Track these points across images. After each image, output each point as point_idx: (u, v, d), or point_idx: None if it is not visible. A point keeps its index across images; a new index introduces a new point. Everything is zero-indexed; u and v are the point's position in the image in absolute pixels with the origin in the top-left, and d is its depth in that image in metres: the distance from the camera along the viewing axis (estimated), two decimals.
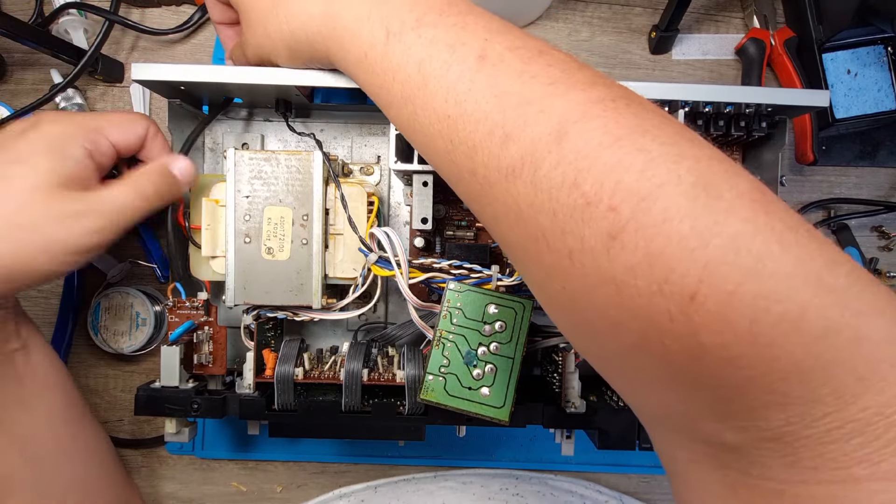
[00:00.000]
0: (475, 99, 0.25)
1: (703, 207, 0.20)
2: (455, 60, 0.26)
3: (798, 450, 0.20)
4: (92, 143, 0.36)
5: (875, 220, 0.53)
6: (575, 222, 0.21)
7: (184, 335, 0.40)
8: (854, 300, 0.19)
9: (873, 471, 0.18)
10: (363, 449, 0.52)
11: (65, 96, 0.49)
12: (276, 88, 0.39)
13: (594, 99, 0.23)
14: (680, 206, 0.20)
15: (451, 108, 0.25)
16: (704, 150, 0.22)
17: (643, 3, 0.53)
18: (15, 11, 0.51)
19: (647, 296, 0.20)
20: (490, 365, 0.35)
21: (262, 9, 0.34)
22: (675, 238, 0.19)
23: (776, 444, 0.20)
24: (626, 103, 0.23)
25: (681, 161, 0.21)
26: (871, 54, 0.50)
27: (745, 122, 0.39)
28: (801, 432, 0.19)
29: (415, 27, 0.27)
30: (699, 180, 0.20)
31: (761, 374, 0.19)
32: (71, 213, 0.34)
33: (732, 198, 0.20)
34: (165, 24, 0.51)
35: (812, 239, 0.20)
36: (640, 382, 0.24)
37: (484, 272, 0.36)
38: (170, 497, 0.53)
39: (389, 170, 0.46)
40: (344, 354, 0.40)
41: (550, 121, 0.23)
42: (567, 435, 0.43)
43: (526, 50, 0.25)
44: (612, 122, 0.22)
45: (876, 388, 0.18)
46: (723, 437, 0.21)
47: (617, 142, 0.21)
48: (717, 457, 0.22)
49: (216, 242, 0.40)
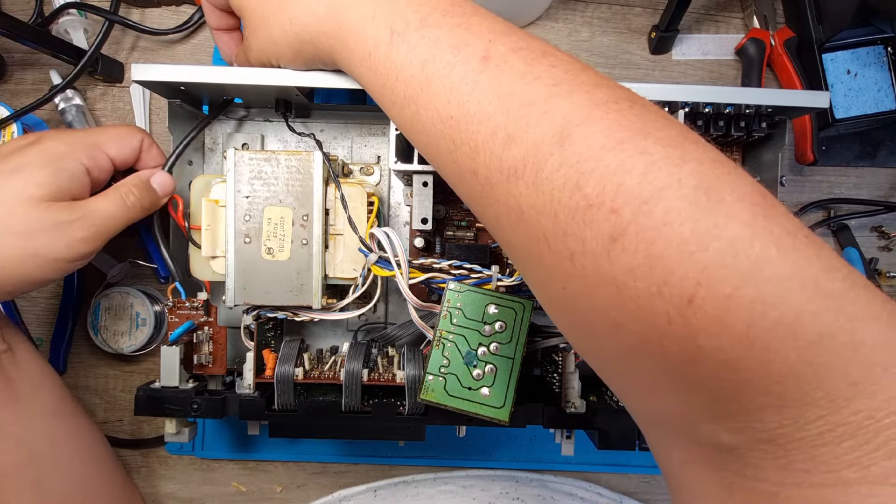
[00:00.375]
0: (478, 100, 0.25)
1: (703, 211, 0.20)
2: (458, 61, 0.26)
3: (790, 452, 0.20)
4: (90, 158, 0.37)
5: (875, 220, 0.53)
6: (576, 224, 0.21)
7: (184, 335, 0.40)
8: (849, 305, 0.19)
9: (863, 474, 0.19)
10: (363, 449, 0.52)
11: (64, 97, 0.49)
12: (276, 89, 0.39)
13: (597, 101, 0.23)
14: (680, 210, 0.20)
15: (454, 108, 0.25)
16: (707, 153, 0.22)
17: (643, 4, 0.53)
18: (15, 11, 0.51)
19: (646, 297, 0.20)
20: (490, 365, 0.35)
21: (266, 12, 0.34)
22: (674, 241, 0.20)
23: (770, 445, 0.20)
24: (629, 105, 0.23)
25: (682, 164, 0.21)
26: (871, 54, 0.50)
27: (745, 122, 0.39)
28: (795, 434, 0.19)
29: (419, 27, 0.27)
30: (700, 184, 0.20)
31: (757, 376, 0.19)
32: (61, 221, 0.35)
33: (733, 201, 0.20)
34: (165, 24, 0.51)
35: (810, 244, 0.20)
36: (639, 383, 0.24)
37: (484, 272, 0.36)
38: (170, 497, 0.53)
39: (389, 170, 0.46)
40: (344, 354, 0.40)
41: (553, 123, 0.23)
42: (567, 435, 0.43)
43: (529, 51, 0.25)
44: (614, 125, 0.22)
45: (868, 391, 0.19)
46: (719, 438, 0.22)
47: (619, 145, 0.21)
48: (713, 458, 0.22)
49: (216, 242, 0.40)
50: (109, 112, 0.52)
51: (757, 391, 0.20)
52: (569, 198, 0.22)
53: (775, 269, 0.19)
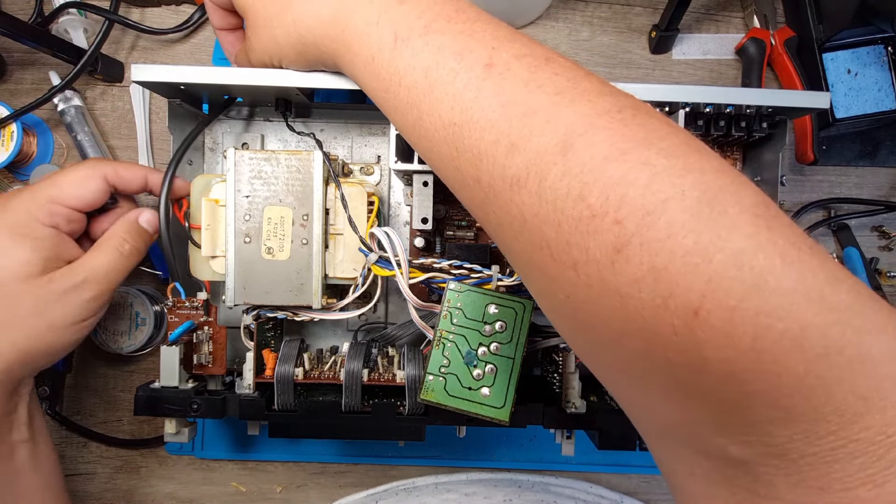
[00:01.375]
0: (481, 107, 0.25)
1: (706, 223, 0.20)
2: (462, 68, 0.26)
3: (803, 468, 0.19)
4: (51, 216, 0.37)
5: (875, 219, 0.53)
6: (580, 234, 0.21)
7: (183, 335, 0.40)
8: (856, 318, 0.19)
9: (878, 493, 0.18)
10: (363, 449, 0.52)
11: (63, 97, 0.49)
12: (277, 89, 0.39)
13: (600, 111, 0.23)
14: (684, 222, 0.20)
15: (457, 115, 0.25)
16: (710, 163, 0.22)
17: (643, 3, 0.53)
18: (15, 11, 0.51)
19: (651, 309, 0.20)
20: (490, 365, 0.35)
21: (269, 14, 0.34)
22: (679, 253, 0.20)
23: (781, 460, 0.20)
24: (633, 114, 0.23)
25: (685, 175, 0.21)
26: (871, 54, 0.50)
27: (746, 122, 0.39)
28: (806, 450, 0.19)
29: (423, 34, 0.27)
30: (703, 195, 0.20)
31: (765, 389, 0.19)
32: (66, 289, 0.36)
33: (736, 213, 0.20)
34: (165, 24, 0.51)
35: (814, 255, 0.20)
36: (643, 392, 0.24)
37: (484, 272, 0.36)
38: (169, 497, 0.53)
39: (389, 170, 0.46)
40: (344, 354, 0.40)
41: (556, 132, 0.23)
42: (567, 435, 0.43)
43: (533, 58, 0.25)
44: (617, 135, 0.22)
45: (877, 406, 0.18)
46: (728, 450, 0.21)
47: (622, 155, 0.21)
48: (722, 472, 0.22)
49: (216, 242, 0.40)
50: (109, 111, 0.52)
51: (764, 404, 0.19)
52: (572, 208, 0.22)
53: (780, 281, 0.19)
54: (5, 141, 0.47)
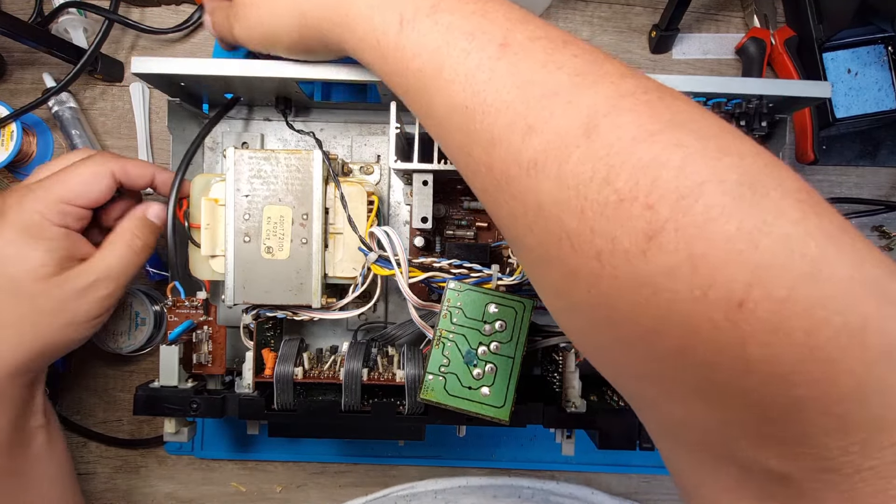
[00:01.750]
0: (496, 88, 0.23)
1: (749, 207, 0.18)
2: (474, 48, 0.24)
3: (857, 484, 0.17)
4: (62, 216, 0.37)
5: (875, 219, 0.53)
6: (606, 220, 0.20)
7: (183, 335, 0.40)
8: None
9: None
10: (363, 449, 0.52)
11: (58, 100, 0.49)
12: (277, 81, 0.39)
13: (624, 92, 0.21)
14: (724, 205, 0.18)
15: (469, 97, 0.24)
16: (747, 146, 0.20)
17: (643, 3, 0.53)
18: (15, 10, 0.51)
19: (688, 301, 0.18)
20: (490, 364, 0.35)
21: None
22: (719, 239, 0.18)
23: (835, 476, 0.18)
24: (659, 96, 0.21)
25: (721, 157, 0.19)
26: (872, 54, 0.50)
27: (746, 120, 0.39)
28: (863, 463, 0.17)
29: (430, 13, 0.26)
30: (743, 178, 0.19)
31: (818, 394, 0.17)
32: (83, 286, 0.37)
33: (779, 197, 0.18)
34: (165, 24, 0.51)
35: (865, 243, 0.18)
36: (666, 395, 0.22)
37: (484, 271, 0.36)
38: (169, 497, 0.53)
39: (389, 169, 0.46)
40: (344, 354, 0.40)
41: (579, 113, 0.21)
42: (567, 435, 0.43)
43: (549, 40, 0.24)
44: (644, 116, 0.20)
45: None
46: (768, 464, 0.19)
47: (651, 136, 0.20)
48: (757, 484, 0.20)
49: (215, 242, 0.40)
50: (109, 111, 0.52)
51: (816, 411, 0.17)
52: (597, 192, 0.20)
53: (835, 269, 0.17)
54: (5, 141, 0.47)
